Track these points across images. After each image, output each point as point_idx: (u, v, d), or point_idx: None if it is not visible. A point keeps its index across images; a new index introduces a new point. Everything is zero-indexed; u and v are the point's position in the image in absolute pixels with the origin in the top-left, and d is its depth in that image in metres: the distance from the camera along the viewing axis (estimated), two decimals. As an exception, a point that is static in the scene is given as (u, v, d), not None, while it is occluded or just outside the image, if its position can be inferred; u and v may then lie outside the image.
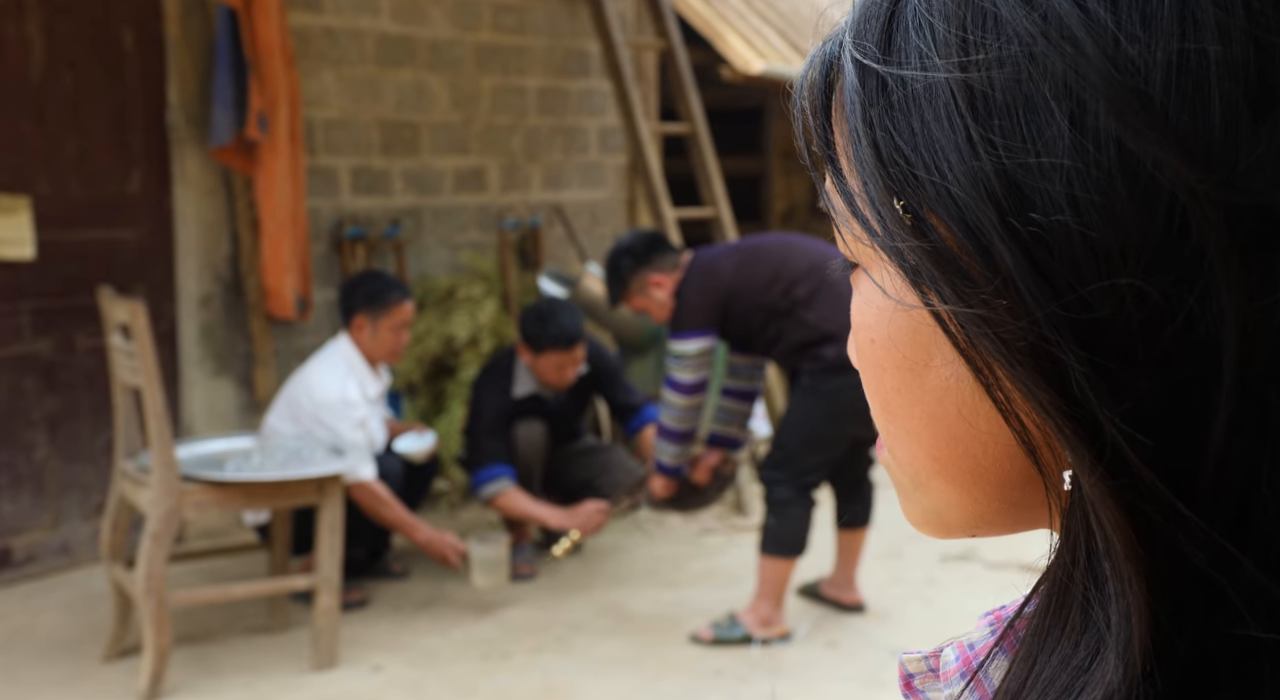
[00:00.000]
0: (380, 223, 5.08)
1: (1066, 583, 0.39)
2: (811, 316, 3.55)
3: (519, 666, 3.55)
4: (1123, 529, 0.36)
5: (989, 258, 0.37)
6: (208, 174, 4.54)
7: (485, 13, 5.45)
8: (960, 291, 0.38)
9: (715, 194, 5.48)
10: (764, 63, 6.22)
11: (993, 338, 0.38)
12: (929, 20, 0.39)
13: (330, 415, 3.87)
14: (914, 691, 0.51)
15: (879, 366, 0.43)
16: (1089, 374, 0.35)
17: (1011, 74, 0.36)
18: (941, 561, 4.34)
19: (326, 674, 3.48)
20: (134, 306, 3.31)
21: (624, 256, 3.80)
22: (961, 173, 0.37)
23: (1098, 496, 0.36)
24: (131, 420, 3.56)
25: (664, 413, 3.82)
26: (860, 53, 0.41)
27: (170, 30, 4.42)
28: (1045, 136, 0.36)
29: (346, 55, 4.95)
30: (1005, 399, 0.39)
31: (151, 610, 3.27)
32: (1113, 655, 0.37)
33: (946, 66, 0.38)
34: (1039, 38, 0.36)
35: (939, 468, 0.43)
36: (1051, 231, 0.36)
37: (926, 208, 0.38)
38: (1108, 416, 0.35)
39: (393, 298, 4.04)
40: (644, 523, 4.89)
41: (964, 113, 0.37)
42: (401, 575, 4.29)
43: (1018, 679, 0.40)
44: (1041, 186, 0.36)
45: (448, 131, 5.34)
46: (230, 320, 4.64)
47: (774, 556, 3.64)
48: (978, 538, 0.46)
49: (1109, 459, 0.36)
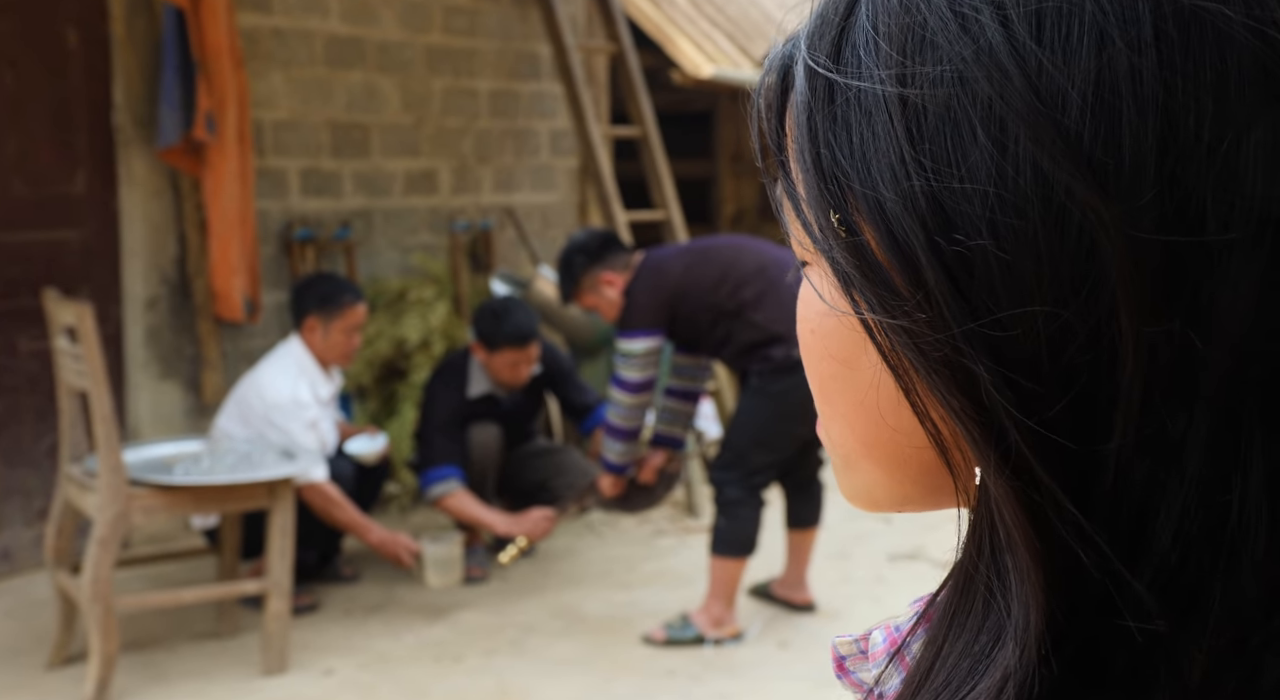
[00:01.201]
0: (330, 225, 5.05)
1: (971, 573, 0.42)
2: (759, 318, 3.58)
3: (472, 669, 3.54)
4: (1023, 526, 0.38)
5: (913, 273, 0.39)
6: (154, 175, 4.49)
7: (436, 14, 5.44)
8: (885, 302, 0.40)
9: (666, 197, 5.50)
10: (714, 67, 6.25)
11: (913, 348, 0.40)
12: (874, 37, 0.40)
13: (281, 416, 3.84)
14: (846, 672, 0.53)
15: (817, 356, 0.46)
16: (999, 386, 0.38)
17: (944, 97, 0.38)
18: (890, 560, 4.39)
19: (277, 679, 3.45)
20: (81, 309, 3.27)
21: (577, 254, 3.83)
22: (894, 189, 0.39)
23: (1002, 496, 0.39)
24: (77, 424, 3.51)
25: (611, 411, 3.85)
26: (812, 61, 0.43)
27: (116, 30, 4.37)
28: (970, 160, 0.38)
29: (296, 56, 4.91)
30: (921, 403, 0.41)
31: (98, 616, 3.23)
32: (1011, 641, 0.39)
33: (887, 84, 0.39)
34: (970, 64, 0.38)
35: (867, 451, 0.46)
36: (972, 253, 0.38)
37: (860, 219, 0.40)
38: (1013, 425, 0.38)
39: (345, 300, 4.02)
40: (596, 524, 4.90)
41: (899, 132, 0.39)
42: (352, 579, 4.27)
43: (927, 659, 0.43)
44: (965, 209, 0.38)
45: (398, 133, 5.32)
46: (177, 323, 4.59)
47: (724, 557, 3.66)
48: (906, 513, 0.49)
49: (1014, 463, 0.38)
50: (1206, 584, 0.37)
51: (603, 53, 5.85)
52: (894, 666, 0.49)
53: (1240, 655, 0.37)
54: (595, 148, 5.29)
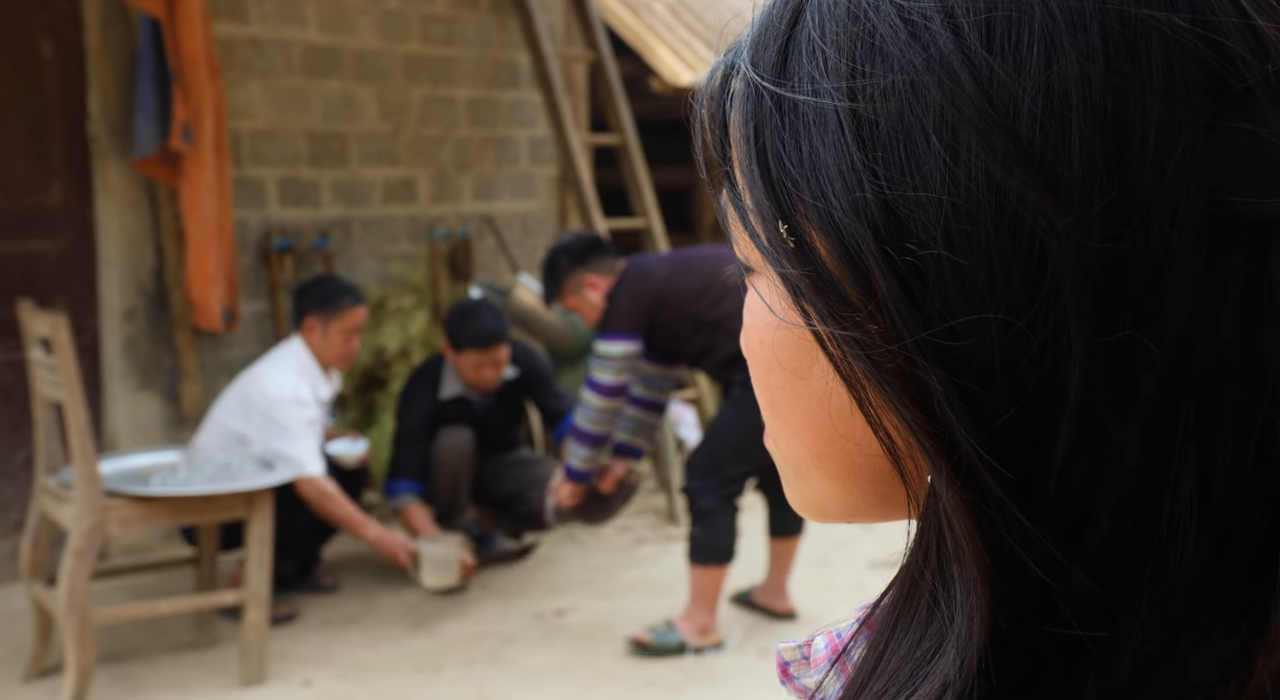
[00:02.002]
0: (309, 234, 5.03)
1: (917, 579, 0.42)
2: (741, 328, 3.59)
3: (452, 679, 3.53)
4: (973, 537, 0.38)
5: (865, 283, 0.39)
6: (131, 185, 4.48)
7: (414, 23, 5.43)
8: (836, 313, 0.40)
9: (646, 205, 5.51)
10: (693, 74, 6.26)
11: (864, 358, 0.40)
12: (822, 47, 0.40)
13: (281, 412, 3.84)
14: (790, 678, 0.53)
15: (766, 366, 0.46)
16: (950, 396, 0.38)
17: (896, 106, 0.38)
18: (871, 568, 4.39)
19: (255, 690, 3.43)
20: (56, 320, 3.25)
21: (562, 255, 3.85)
22: (845, 199, 0.39)
23: (952, 506, 0.39)
24: (53, 435, 3.49)
25: (580, 413, 3.84)
26: (756, 72, 0.43)
27: (90, 40, 4.35)
28: (923, 169, 0.38)
29: (273, 66, 4.90)
30: (874, 413, 0.41)
31: (74, 628, 3.21)
32: (952, 649, 0.39)
33: (835, 94, 0.39)
34: (922, 72, 0.38)
35: (817, 462, 0.46)
36: (925, 261, 0.38)
37: (810, 230, 0.40)
38: (964, 436, 0.38)
39: (345, 302, 4.03)
40: (577, 533, 4.89)
41: (850, 141, 0.39)
42: (332, 589, 4.25)
43: (868, 665, 0.43)
44: (918, 217, 0.38)
45: (377, 142, 5.32)
46: (155, 334, 4.57)
47: (704, 566, 3.66)
48: (855, 523, 0.48)
49: (964, 473, 0.38)
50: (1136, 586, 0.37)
51: (581, 61, 5.86)
52: (834, 672, 0.49)
53: (1167, 656, 0.37)
54: (575, 156, 5.30)
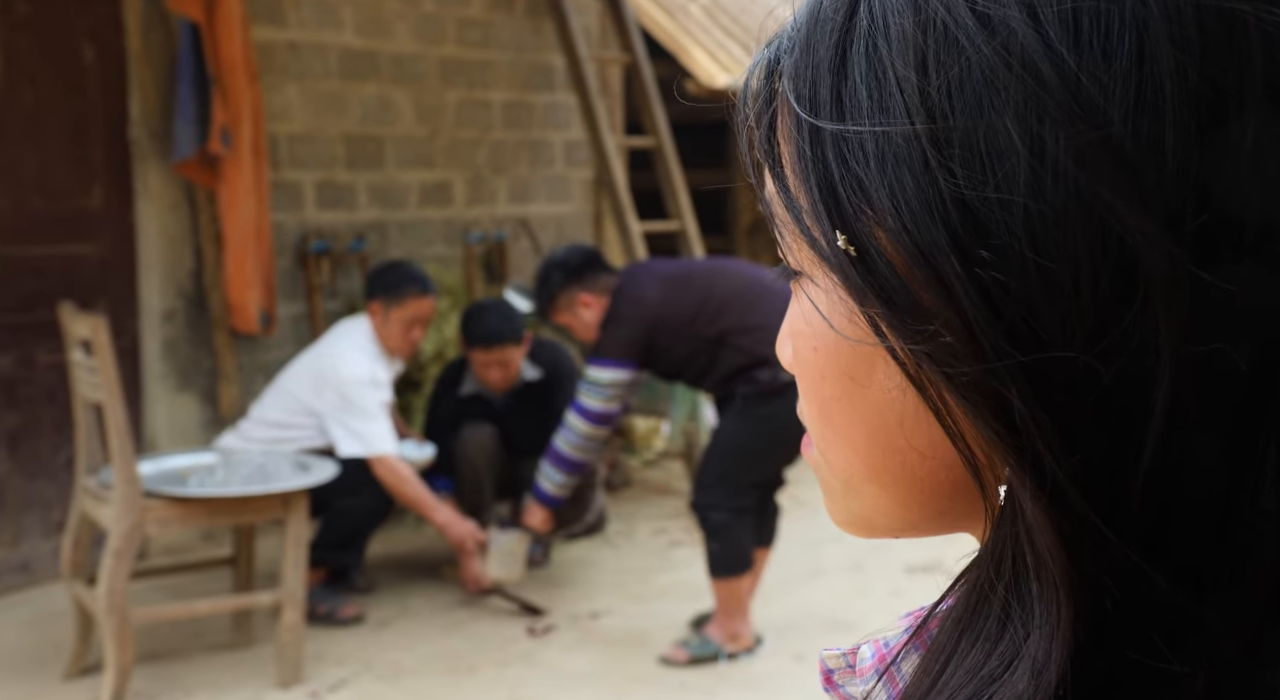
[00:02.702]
0: (345, 237, 5.06)
1: (987, 594, 0.40)
2: (744, 342, 3.51)
3: (485, 681, 3.54)
4: (1058, 555, 0.36)
5: (941, 289, 0.37)
6: (170, 188, 4.52)
7: (450, 27, 5.46)
8: (907, 323, 0.38)
9: (681, 207, 5.51)
10: (728, 76, 6.25)
11: (940, 370, 0.38)
12: (885, 38, 0.38)
13: (356, 392, 3.87)
14: (834, 686, 0.52)
15: (819, 374, 0.44)
16: (1034, 410, 0.36)
17: (972, 101, 0.36)
18: (907, 573, 4.36)
19: (291, 690, 3.45)
20: (96, 322, 3.28)
21: (556, 271, 3.75)
22: (917, 200, 0.37)
23: (1038, 524, 0.37)
24: (93, 436, 3.53)
25: (562, 438, 3.73)
26: (799, 65, 0.41)
27: (131, 44, 4.40)
28: (1004, 168, 0.36)
29: (310, 69, 4.94)
30: (954, 424, 0.39)
31: (113, 627, 3.24)
32: (1027, 671, 0.37)
33: (904, 86, 0.38)
34: (999, 65, 0.36)
35: (873, 475, 0.44)
36: (1007, 266, 0.36)
37: (877, 234, 0.38)
38: (1049, 452, 0.36)
39: (408, 291, 4.02)
40: (611, 535, 4.89)
41: (922, 137, 0.37)
42: (367, 590, 4.27)
43: (927, 679, 0.41)
44: (998, 218, 0.36)
45: (412, 145, 5.34)
46: (194, 335, 4.61)
47: (725, 578, 3.61)
48: (901, 538, 0.46)
49: (1050, 489, 0.36)
50: (1215, 598, 0.36)
51: (617, 63, 5.86)
52: (882, 685, 0.47)
53: (1245, 668, 0.36)
54: (609, 158, 5.30)
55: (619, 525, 4.97)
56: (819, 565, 4.50)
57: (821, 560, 4.55)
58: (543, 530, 4.01)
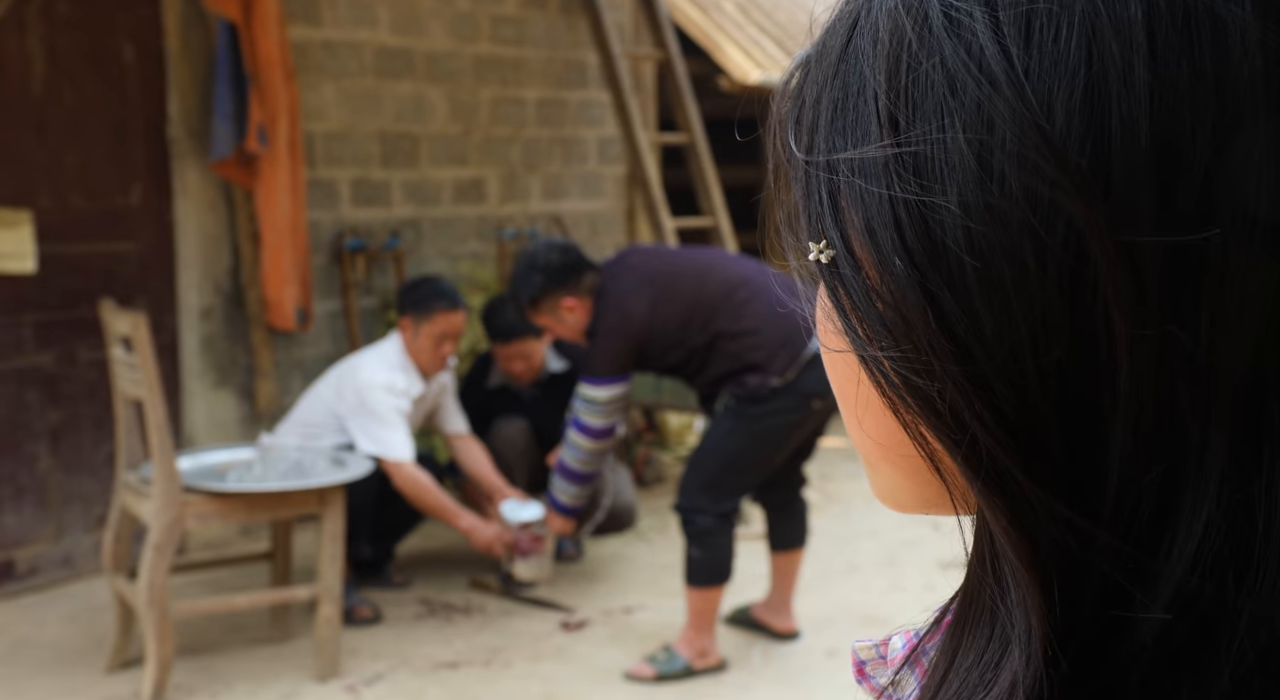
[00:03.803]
0: (380, 234, 5.10)
1: (977, 583, 0.42)
2: (734, 348, 3.45)
3: (520, 675, 3.56)
4: (1008, 531, 0.38)
5: (891, 296, 0.38)
6: (208, 187, 4.57)
7: (484, 24, 5.48)
8: (866, 329, 0.40)
9: (714, 203, 5.50)
10: (761, 73, 6.24)
11: (882, 370, 0.39)
12: (872, 45, 0.40)
13: (372, 396, 3.89)
14: (865, 677, 0.53)
15: (830, 365, 0.46)
16: (979, 409, 0.37)
17: (931, 107, 0.37)
18: (940, 568, 4.35)
19: (328, 684, 3.49)
20: (136, 319, 3.33)
21: (537, 273, 3.62)
22: (877, 207, 0.38)
23: (985, 505, 0.39)
24: (133, 432, 3.57)
25: (568, 454, 3.70)
26: (810, 74, 0.42)
27: (170, 44, 4.45)
28: (951, 168, 0.37)
29: (346, 68, 4.97)
30: (908, 418, 0.40)
31: (154, 621, 3.28)
32: (1017, 647, 0.39)
33: (875, 83, 0.39)
34: (960, 67, 0.37)
35: (883, 453, 0.45)
36: (951, 266, 0.37)
37: (854, 244, 0.39)
38: (989, 441, 0.37)
39: (436, 307, 4.00)
40: (645, 531, 4.90)
41: (886, 147, 0.38)
42: (402, 585, 4.31)
43: (939, 670, 0.43)
44: (946, 219, 0.37)
45: (447, 143, 5.37)
46: (231, 332, 4.66)
47: (703, 587, 3.51)
48: (929, 514, 0.47)
49: (991, 475, 0.38)
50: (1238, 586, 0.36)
51: (650, 60, 5.86)
52: (909, 669, 0.48)
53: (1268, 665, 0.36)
54: (643, 155, 5.31)
55: (652, 520, 4.98)
56: (853, 561, 4.49)
57: (855, 556, 4.54)
58: (566, 533, 4.01)
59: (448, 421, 4.28)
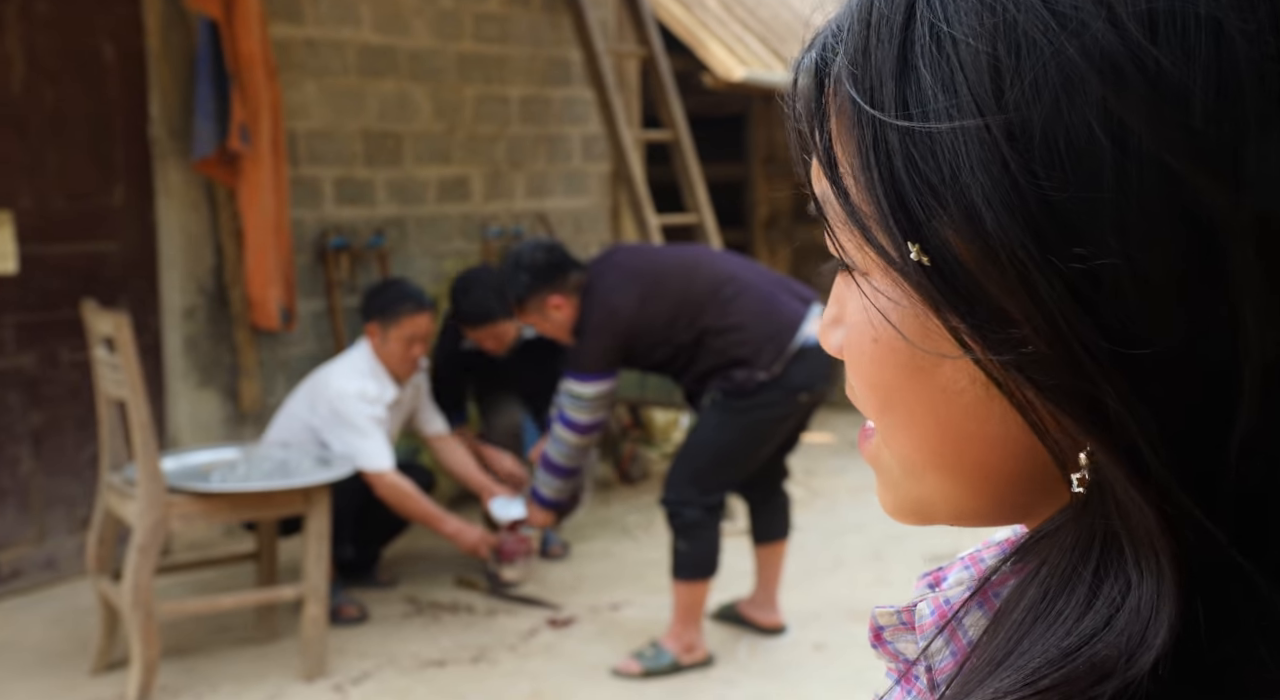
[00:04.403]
0: (364, 233, 5.09)
1: (1070, 576, 0.40)
2: (721, 344, 3.46)
3: (507, 672, 3.56)
4: (1164, 542, 0.37)
5: (1026, 293, 0.37)
6: (190, 186, 4.55)
7: (467, 22, 5.47)
8: (990, 331, 0.38)
9: (698, 200, 5.50)
10: (745, 69, 6.25)
11: (1026, 377, 0.38)
12: (950, 39, 0.38)
13: (345, 406, 3.88)
14: (882, 642, 0.53)
15: (880, 364, 0.43)
16: (1132, 406, 0.36)
17: (1050, 101, 0.36)
18: (926, 561, 4.36)
19: (315, 683, 3.48)
20: (118, 319, 3.31)
21: (523, 273, 3.62)
22: (1000, 205, 0.37)
23: (1137, 511, 0.37)
24: (116, 433, 3.56)
25: (554, 449, 3.71)
26: (858, 69, 0.41)
27: (151, 43, 4.43)
28: (1088, 165, 0.36)
29: (328, 66, 4.96)
30: (1039, 421, 0.39)
31: (139, 623, 3.27)
32: (1121, 654, 0.37)
33: (977, 89, 0.37)
34: (1080, 64, 0.36)
35: (938, 462, 0.44)
36: (1098, 266, 0.36)
37: (955, 242, 0.38)
38: (1148, 447, 0.36)
39: (404, 310, 4.00)
40: (631, 528, 4.90)
41: (1000, 140, 0.37)
42: (389, 584, 4.30)
43: (1001, 649, 0.41)
44: (1085, 217, 0.36)
45: (431, 141, 5.36)
46: (215, 332, 4.64)
47: (689, 581, 3.51)
48: (959, 526, 0.47)
49: (1154, 482, 0.37)
50: None
51: (633, 57, 5.86)
52: (944, 639, 0.47)
53: None
54: (627, 152, 5.30)
55: (638, 517, 4.98)
56: (839, 556, 4.50)
57: (842, 551, 4.55)
58: (546, 525, 4.03)
59: (426, 423, 4.28)
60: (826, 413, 6.79)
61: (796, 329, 3.46)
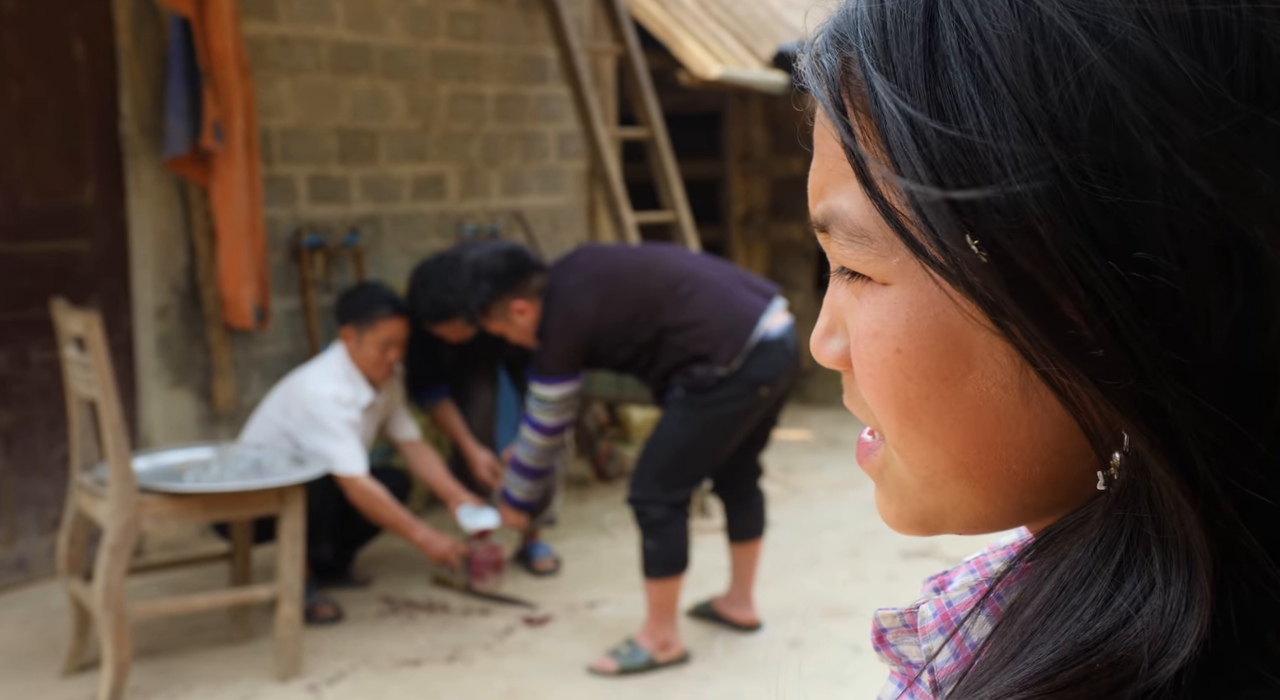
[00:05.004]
0: (339, 231, 5.06)
1: (1088, 574, 0.40)
2: (680, 340, 3.47)
3: (483, 671, 3.55)
4: (1205, 549, 0.37)
5: (1088, 296, 0.37)
6: (163, 184, 4.52)
7: (441, 20, 5.45)
8: (1047, 332, 0.38)
9: (675, 198, 5.50)
10: (721, 67, 6.25)
11: (1087, 379, 0.38)
12: (984, 44, 0.38)
13: (320, 409, 3.86)
14: (885, 645, 0.52)
15: (903, 375, 0.43)
16: (1189, 415, 0.36)
17: (1099, 107, 0.36)
18: (902, 558, 4.37)
19: (290, 683, 3.46)
20: (89, 318, 3.28)
21: (484, 281, 3.64)
22: (1054, 208, 0.36)
23: (1188, 518, 0.37)
24: (88, 433, 3.53)
25: (521, 450, 3.74)
26: (894, 85, 0.40)
27: (122, 40, 4.39)
28: (1138, 170, 0.36)
29: (302, 64, 4.93)
30: (1091, 424, 0.39)
31: (110, 624, 3.25)
32: (1144, 659, 0.37)
33: (1022, 94, 0.37)
34: (1119, 72, 0.36)
35: (963, 471, 0.43)
36: (1156, 267, 0.36)
37: (1010, 243, 0.38)
38: (1203, 460, 0.36)
39: (378, 314, 3.99)
40: (608, 525, 4.90)
41: (1048, 144, 0.36)
42: (365, 584, 4.28)
43: (1015, 642, 0.41)
44: (1141, 222, 0.36)
45: (405, 139, 5.34)
46: (188, 331, 4.61)
47: (660, 578, 3.52)
48: (971, 534, 0.46)
49: (1202, 490, 0.36)
50: None
51: (609, 55, 5.85)
52: (949, 645, 0.47)
53: None
54: (603, 150, 5.30)
55: (615, 515, 4.98)
56: (816, 552, 4.51)
57: (818, 547, 4.56)
58: (520, 528, 4.04)
59: (398, 428, 4.27)
60: (802, 410, 6.81)
61: (755, 323, 3.47)
